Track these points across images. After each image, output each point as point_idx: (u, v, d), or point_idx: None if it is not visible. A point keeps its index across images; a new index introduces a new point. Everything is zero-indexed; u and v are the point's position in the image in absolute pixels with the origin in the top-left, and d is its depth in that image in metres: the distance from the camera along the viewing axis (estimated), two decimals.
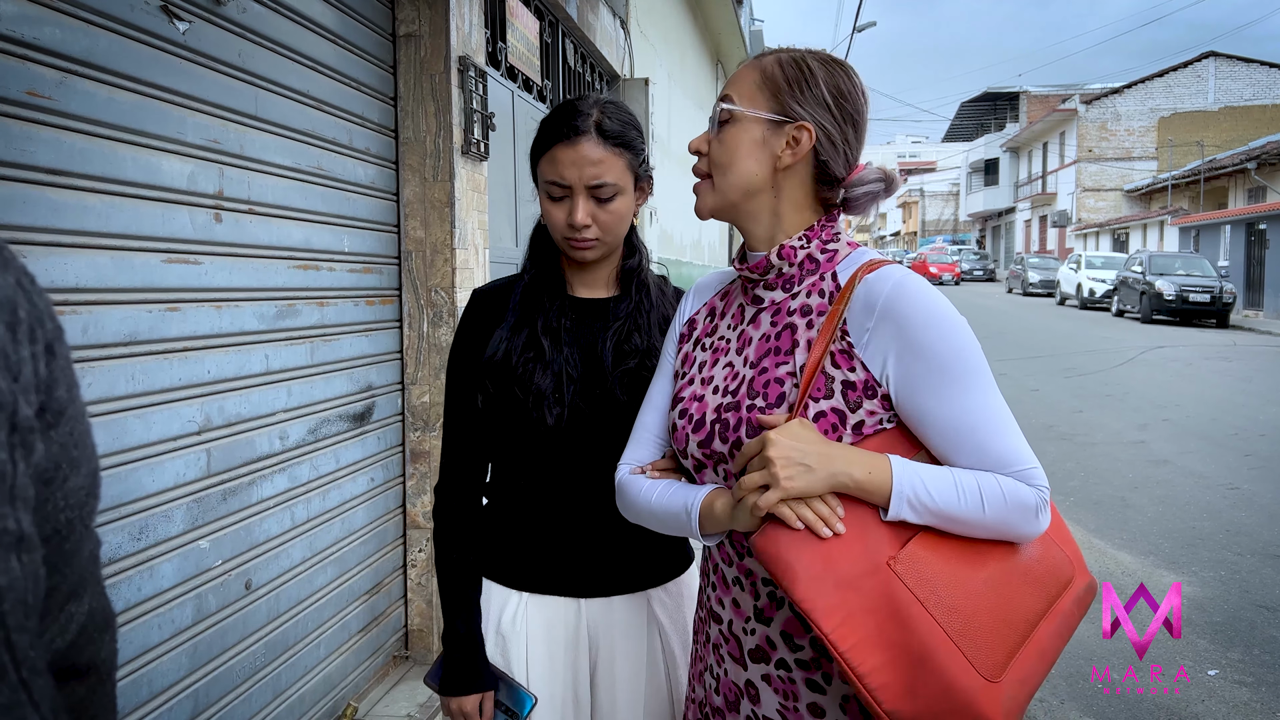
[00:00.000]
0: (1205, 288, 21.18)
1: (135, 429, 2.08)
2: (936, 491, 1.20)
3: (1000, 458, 1.23)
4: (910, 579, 1.17)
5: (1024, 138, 46.13)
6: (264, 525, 2.59)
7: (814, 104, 1.34)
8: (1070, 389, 11.63)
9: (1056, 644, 1.25)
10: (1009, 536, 1.24)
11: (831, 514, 1.20)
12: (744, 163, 1.36)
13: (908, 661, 1.14)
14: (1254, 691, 3.77)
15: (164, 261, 2.17)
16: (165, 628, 2.17)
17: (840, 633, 1.15)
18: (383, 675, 3.36)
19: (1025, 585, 1.24)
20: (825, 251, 1.37)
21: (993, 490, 1.21)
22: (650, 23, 8.19)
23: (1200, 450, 8.10)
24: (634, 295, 1.71)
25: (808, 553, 1.19)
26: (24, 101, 1.76)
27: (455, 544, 1.71)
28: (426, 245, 3.43)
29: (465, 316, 1.74)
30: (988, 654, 1.16)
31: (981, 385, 1.25)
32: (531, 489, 1.69)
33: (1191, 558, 5.38)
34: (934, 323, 1.25)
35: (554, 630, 1.69)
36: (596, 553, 1.67)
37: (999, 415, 1.25)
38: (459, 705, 1.66)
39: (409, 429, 3.48)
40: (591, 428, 1.63)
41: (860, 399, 1.27)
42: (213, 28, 2.34)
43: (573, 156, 1.59)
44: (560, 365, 1.63)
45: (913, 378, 1.24)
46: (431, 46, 3.39)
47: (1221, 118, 36.51)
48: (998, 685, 1.16)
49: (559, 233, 1.65)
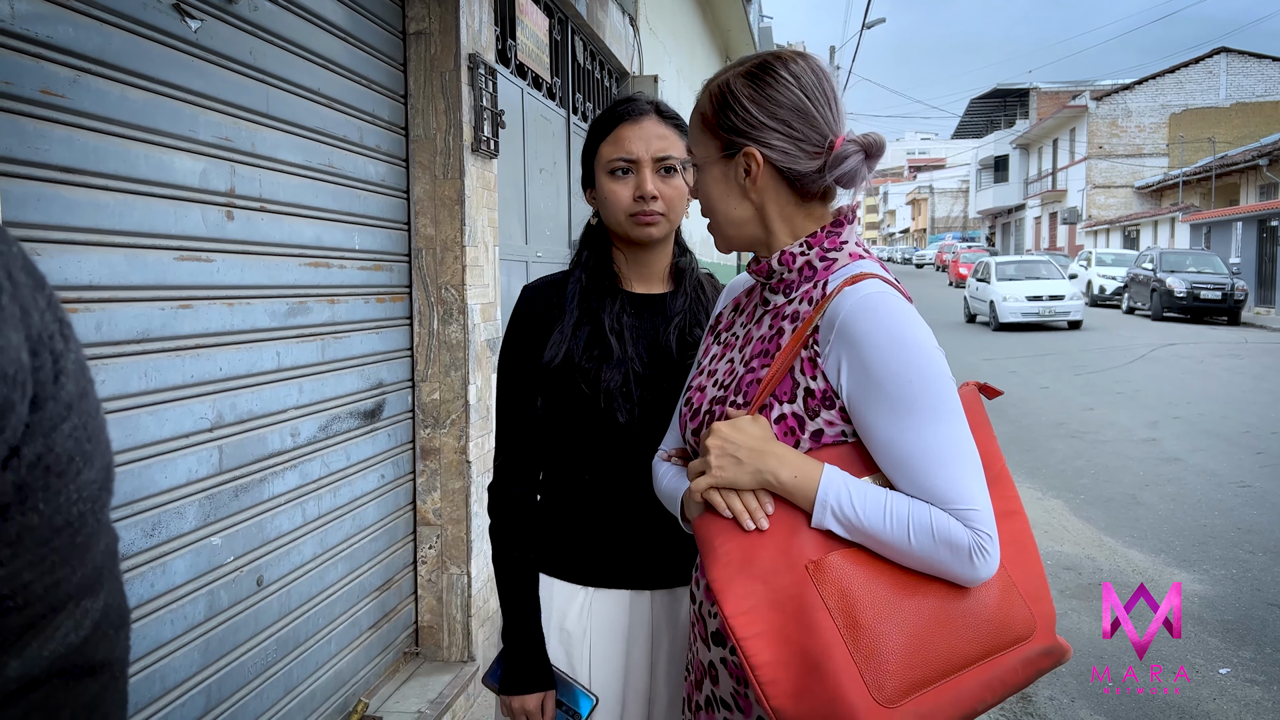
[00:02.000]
0: (1216, 285, 21.07)
1: (148, 426, 2.09)
2: (863, 509, 1.20)
3: (939, 493, 1.20)
4: (824, 586, 1.18)
5: (1034, 134, 45.95)
6: (275, 522, 2.60)
7: (747, 124, 1.34)
8: (1080, 386, 11.59)
9: (982, 695, 1.21)
10: (939, 573, 1.21)
11: (759, 509, 1.24)
12: (720, 203, 1.41)
13: (802, 664, 1.16)
14: (1266, 690, 3.75)
15: (176, 259, 2.18)
16: (177, 624, 2.18)
17: (741, 620, 1.18)
18: (393, 671, 3.37)
19: (960, 627, 1.20)
20: (824, 260, 1.37)
21: (922, 521, 1.19)
22: (659, 20, 8.19)
23: (1211, 448, 8.06)
24: (689, 291, 1.75)
25: (731, 540, 1.24)
26: (38, 100, 1.77)
27: (513, 542, 1.72)
28: (436, 243, 3.43)
29: (517, 314, 1.75)
30: (889, 679, 1.15)
31: (932, 415, 1.22)
32: (596, 484, 1.70)
33: (1203, 555, 5.36)
34: (889, 347, 1.23)
35: (618, 624, 1.70)
36: (661, 544, 1.68)
37: (946, 449, 1.21)
38: (521, 704, 1.65)
39: (419, 426, 3.49)
40: (660, 421, 1.64)
41: (819, 407, 1.28)
42: (224, 26, 2.35)
43: (639, 132, 1.67)
44: (628, 363, 1.66)
45: (860, 395, 1.24)
46: (442, 44, 3.40)
47: (1233, 114, 36.31)
48: (889, 710, 1.14)
49: (623, 210, 1.67)
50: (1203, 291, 21.01)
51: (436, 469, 3.48)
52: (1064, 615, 4.58)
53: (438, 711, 3.13)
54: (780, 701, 1.15)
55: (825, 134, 1.34)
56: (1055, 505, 6.47)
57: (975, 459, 1.24)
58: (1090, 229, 38.31)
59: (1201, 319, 21.43)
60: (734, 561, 1.22)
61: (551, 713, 1.66)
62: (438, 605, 3.53)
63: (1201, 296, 21.01)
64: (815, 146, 1.34)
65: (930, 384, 1.23)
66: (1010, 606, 1.24)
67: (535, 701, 1.65)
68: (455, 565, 3.50)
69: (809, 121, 1.33)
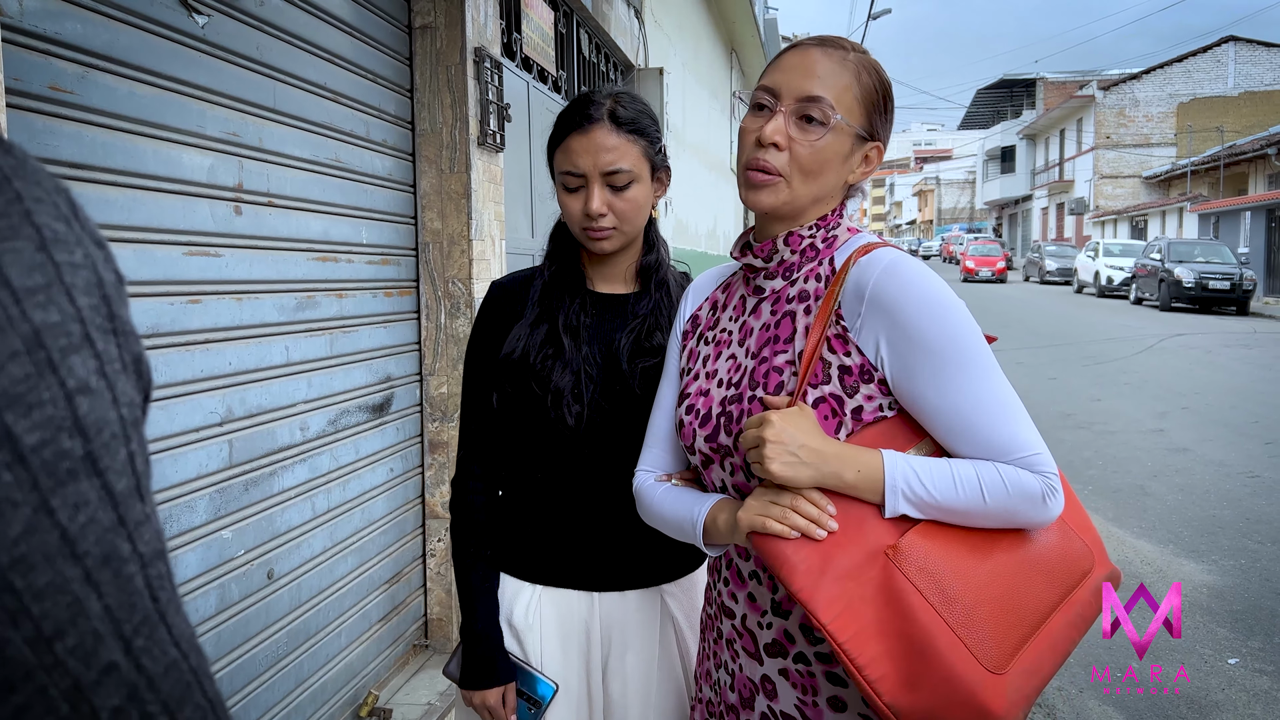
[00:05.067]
0: (1225, 275, 20.97)
1: (158, 420, 2.10)
2: (933, 484, 1.18)
3: (1001, 445, 1.20)
4: (909, 569, 1.16)
5: (1041, 125, 45.78)
6: (285, 515, 2.61)
7: (885, 123, 1.36)
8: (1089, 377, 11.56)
9: (1071, 635, 1.23)
10: (1016, 525, 1.22)
11: (821, 514, 1.19)
12: (830, 174, 1.33)
13: (907, 652, 1.13)
14: (1274, 680, 3.75)
15: (185, 254, 2.19)
16: (189, 617, 2.19)
17: (839, 623, 1.14)
18: (403, 664, 3.39)
19: (1036, 575, 1.22)
20: (825, 239, 1.36)
21: (993, 480, 1.18)
22: (664, 12, 8.17)
23: (1220, 438, 8.04)
24: (654, 293, 1.70)
25: (805, 547, 1.18)
26: (47, 96, 1.78)
27: (471, 537, 1.70)
28: (443, 236, 3.44)
29: (483, 310, 1.73)
30: (992, 645, 1.14)
31: (979, 370, 1.22)
32: (548, 483, 1.68)
33: (1211, 546, 5.35)
34: (926, 307, 1.23)
35: (567, 623, 1.68)
36: (611, 547, 1.66)
37: (999, 400, 1.22)
38: (481, 699, 1.66)
39: (427, 419, 3.50)
40: (611, 425, 1.62)
41: (857, 383, 1.25)
42: (231, 21, 2.36)
43: (586, 144, 1.59)
44: (580, 363, 1.62)
45: (907, 363, 1.22)
46: (447, 38, 3.40)
47: (1241, 103, 36.13)
48: (1002, 677, 1.13)
49: (576, 224, 1.64)
50: (1211, 281, 20.92)
51: (445, 462, 3.49)
52: None
53: (447, 704, 3.15)
54: (893, 696, 1.12)
55: None
56: None
57: (1020, 404, 1.24)
58: (1097, 219, 38.17)
59: (1210, 309, 21.34)
60: (813, 568, 1.17)
61: (513, 704, 1.66)
62: (447, 598, 3.54)
63: (1210, 286, 20.92)
64: None
65: (969, 339, 1.23)
66: (1069, 543, 1.27)
67: (496, 696, 1.65)
68: None
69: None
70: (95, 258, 0.44)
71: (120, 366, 0.43)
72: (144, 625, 0.43)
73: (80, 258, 0.43)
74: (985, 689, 1.12)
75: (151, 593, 0.43)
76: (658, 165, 1.67)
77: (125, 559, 0.42)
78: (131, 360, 0.45)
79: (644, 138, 1.63)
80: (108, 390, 0.42)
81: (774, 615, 1.33)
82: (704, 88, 10.88)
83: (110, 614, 0.41)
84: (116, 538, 0.42)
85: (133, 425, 0.44)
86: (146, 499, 0.44)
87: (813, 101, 1.29)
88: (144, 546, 0.43)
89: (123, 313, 0.45)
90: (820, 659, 1.29)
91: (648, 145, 1.63)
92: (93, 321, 0.42)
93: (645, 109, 1.67)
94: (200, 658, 0.46)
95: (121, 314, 0.45)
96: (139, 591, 0.42)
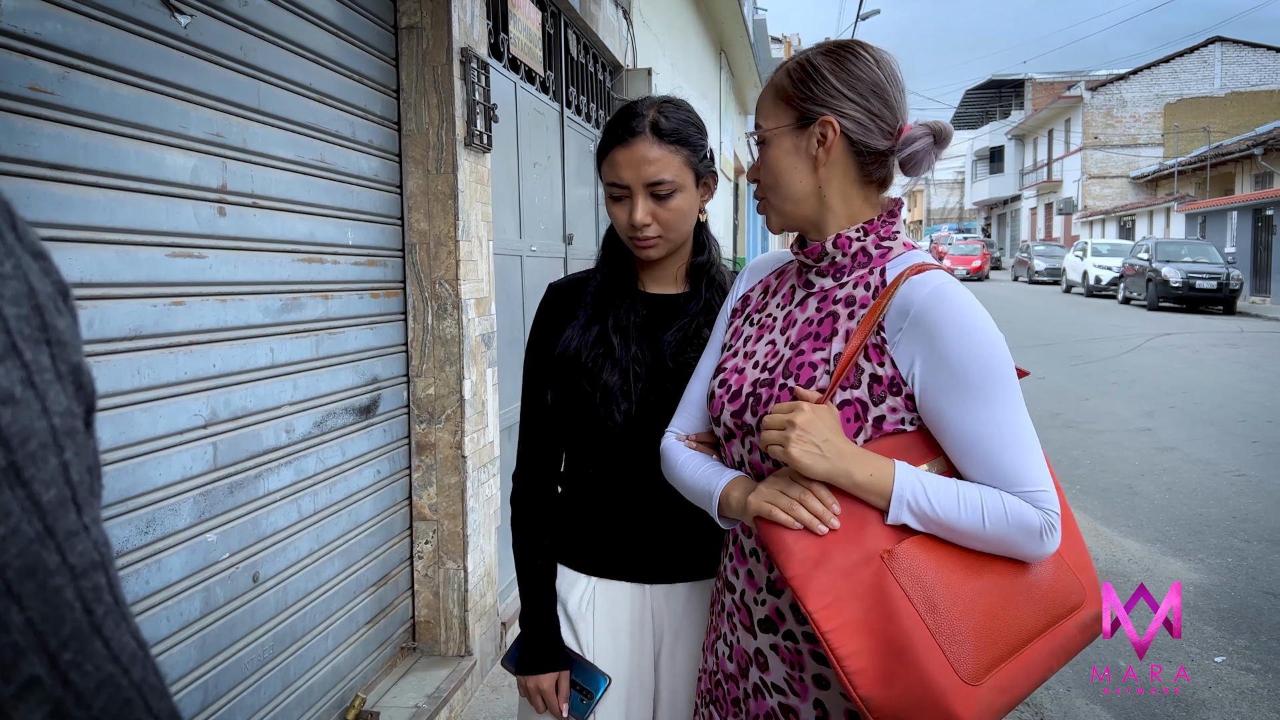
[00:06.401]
0: (1212, 274, 21.10)
1: (141, 423, 2.08)
2: (937, 500, 1.23)
3: (1010, 476, 1.25)
4: (901, 574, 1.21)
5: (1029, 125, 45.95)
6: (271, 518, 2.59)
7: (828, 95, 1.36)
8: (1077, 376, 11.60)
9: (1049, 663, 1.27)
10: (1011, 554, 1.26)
11: (826, 511, 1.24)
12: (786, 175, 1.40)
13: (887, 651, 1.18)
14: (1260, 678, 3.77)
15: (169, 256, 2.18)
16: (173, 620, 2.18)
17: (825, 614, 1.20)
18: (390, 666, 3.38)
19: (1024, 601, 1.26)
20: (880, 247, 1.39)
21: (995, 507, 1.23)
22: (653, 12, 8.17)
23: (1207, 437, 8.08)
24: (704, 292, 1.76)
25: (806, 538, 1.25)
26: (27, 97, 1.77)
27: (533, 530, 1.79)
28: (430, 238, 3.43)
29: (540, 311, 1.82)
30: (970, 657, 1.19)
31: (1003, 401, 1.26)
32: (600, 478, 1.75)
33: (1198, 544, 5.37)
34: (965, 334, 1.27)
35: (620, 615, 1.74)
36: (663, 541, 1.72)
37: (1017, 433, 1.26)
38: (536, 683, 1.72)
39: (414, 421, 3.49)
40: (659, 422, 1.66)
41: (884, 394, 1.30)
42: (214, 21, 2.34)
43: (628, 157, 1.65)
44: (628, 362, 1.69)
45: (936, 383, 1.27)
46: (433, 38, 3.39)
47: (1228, 103, 36.32)
48: (974, 688, 1.18)
49: (623, 232, 1.71)
50: (1198, 281, 21.04)
51: (432, 464, 3.48)
52: None
53: (435, 706, 3.14)
54: (869, 689, 1.18)
55: (898, 117, 1.37)
56: None
57: (1036, 441, 1.29)
58: (1086, 219, 38.32)
59: (1197, 309, 21.45)
60: (810, 558, 1.23)
61: (565, 692, 1.72)
62: (434, 600, 3.53)
63: (1197, 286, 21.04)
64: (888, 126, 1.36)
65: (1000, 372, 1.27)
66: (1063, 577, 1.31)
67: (549, 681, 1.72)
68: (452, 560, 3.50)
69: (884, 100, 1.36)
70: (28, 268, 0.44)
71: (53, 376, 0.43)
72: (73, 639, 0.42)
73: (10, 269, 0.43)
74: (956, 696, 1.17)
75: (85, 605, 0.42)
76: (702, 172, 1.71)
77: (52, 570, 0.41)
78: (68, 370, 0.44)
79: (686, 146, 1.67)
80: (36, 400, 0.42)
81: (768, 592, 1.40)
82: (693, 88, 10.88)
83: (33, 627, 0.40)
84: (42, 549, 0.41)
85: (66, 434, 0.43)
86: (85, 509, 0.43)
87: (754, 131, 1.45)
88: (76, 558, 0.42)
89: (58, 322, 0.45)
90: (807, 638, 1.36)
91: (690, 154, 1.68)
92: (20, 331, 0.42)
93: (689, 117, 1.71)
94: (146, 671, 0.45)
95: (57, 324, 0.44)
96: (68, 604, 0.42)
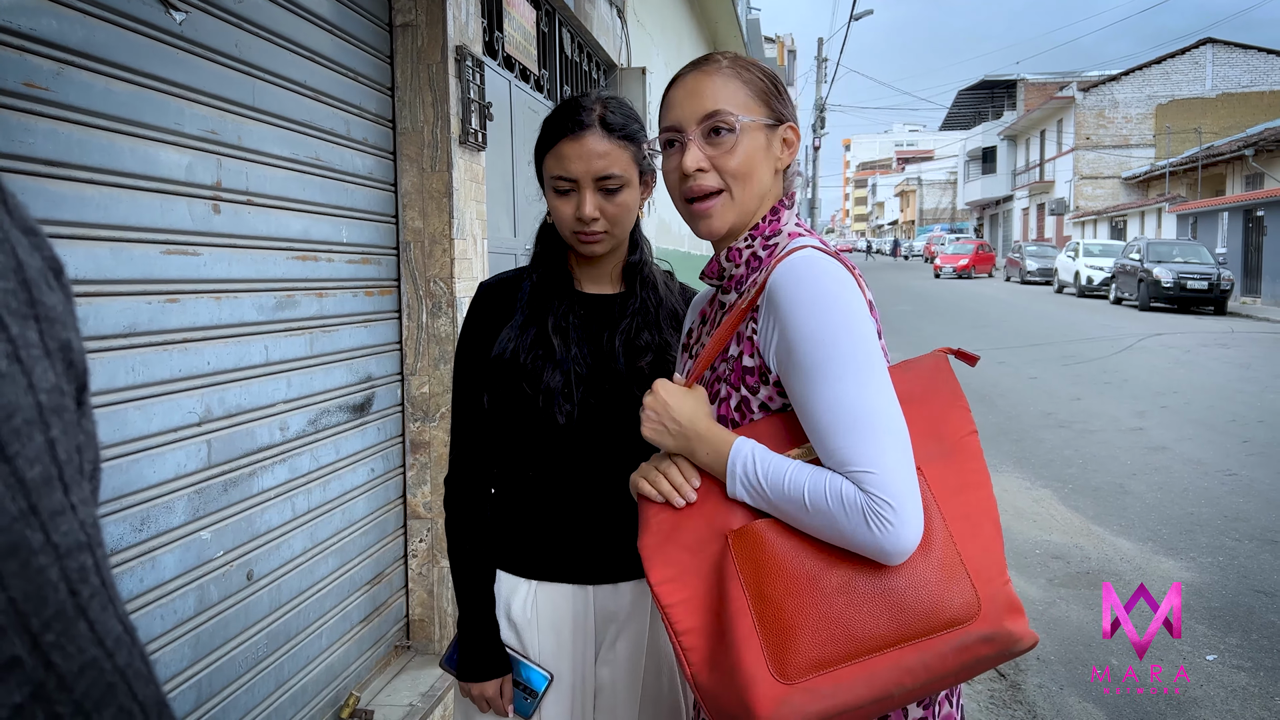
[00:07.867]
0: (1203, 275, 21.18)
1: (135, 420, 2.08)
2: (765, 476, 1.20)
3: (839, 455, 1.16)
4: (740, 555, 1.19)
5: (1021, 126, 46.05)
6: (265, 516, 2.59)
7: (784, 105, 1.41)
8: (1069, 377, 11.64)
9: (902, 679, 1.12)
10: (847, 545, 1.15)
11: (684, 484, 1.27)
12: (761, 169, 1.38)
13: (717, 632, 1.18)
14: (1252, 676, 3.78)
15: (163, 253, 2.17)
16: (167, 618, 2.17)
17: (667, 588, 1.21)
18: (384, 665, 3.37)
19: (879, 606, 1.14)
20: (767, 248, 1.39)
21: (817, 486, 1.15)
22: (647, 12, 8.17)
23: (1198, 437, 8.11)
24: (639, 292, 1.75)
25: (664, 511, 1.28)
26: (21, 93, 1.76)
27: (467, 534, 1.75)
28: (425, 236, 3.43)
29: (472, 311, 1.76)
30: (790, 653, 1.12)
31: (840, 377, 1.18)
32: (540, 481, 1.73)
33: (1190, 544, 5.39)
34: (806, 307, 1.22)
35: (563, 617, 1.73)
36: (605, 541, 1.71)
37: (852, 411, 1.16)
38: (480, 690, 1.71)
39: (409, 419, 3.49)
40: (600, 423, 1.66)
41: (757, 384, 1.31)
42: (209, 18, 2.34)
43: (578, 150, 1.63)
44: (570, 363, 1.67)
45: (783, 359, 1.25)
46: (428, 36, 3.38)
47: (1219, 104, 36.46)
48: (784, 686, 1.11)
49: (567, 228, 1.67)
50: (1189, 281, 21.12)
51: (427, 462, 3.48)
52: (1052, 604, 4.61)
53: (429, 704, 3.13)
54: (698, 669, 1.18)
55: None
56: (1043, 495, 6.50)
57: (890, 422, 1.17)
58: (1077, 220, 38.43)
59: (1188, 309, 21.53)
60: (663, 530, 1.26)
61: (509, 695, 1.71)
62: (429, 599, 3.53)
63: (1188, 286, 21.12)
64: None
65: (845, 344, 1.19)
66: (948, 587, 1.15)
67: (494, 688, 1.70)
68: (446, 559, 3.50)
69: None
70: (16, 242, 0.43)
71: (41, 351, 0.42)
72: (56, 620, 0.40)
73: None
74: (759, 690, 1.11)
75: (70, 586, 0.41)
76: (645, 169, 1.71)
77: (35, 550, 0.40)
78: (57, 346, 0.44)
79: (633, 143, 1.67)
80: (21, 375, 0.41)
81: None
82: None
83: (14, 606, 0.39)
84: (25, 527, 0.40)
85: (54, 411, 0.42)
86: (72, 488, 0.42)
87: (714, 115, 1.35)
88: (61, 538, 0.41)
89: (47, 298, 0.44)
90: None
91: (636, 150, 1.68)
92: (6, 305, 0.41)
93: (632, 113, 1.71)
94: (132, 656, 0.44)
95: (46, 299, 0.44)
96: (52, 584, 0.40)
